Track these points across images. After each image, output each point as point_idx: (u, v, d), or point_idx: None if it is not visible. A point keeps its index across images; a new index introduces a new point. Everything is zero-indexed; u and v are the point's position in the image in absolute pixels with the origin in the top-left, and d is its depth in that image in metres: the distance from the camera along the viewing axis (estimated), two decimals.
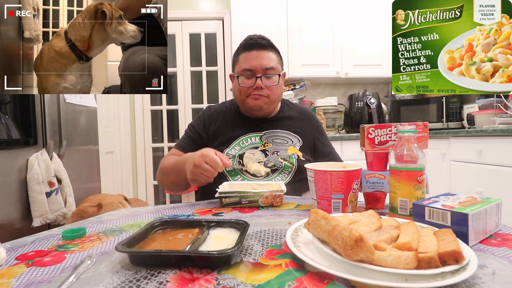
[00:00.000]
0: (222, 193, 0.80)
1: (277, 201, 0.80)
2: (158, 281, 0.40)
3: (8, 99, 1.49)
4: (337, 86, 3.22)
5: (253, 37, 1.10)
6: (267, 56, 1.07)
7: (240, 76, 1.09)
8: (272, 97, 1.10)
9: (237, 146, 1.10)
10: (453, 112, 2.60)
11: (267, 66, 1.06)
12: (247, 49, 1.08)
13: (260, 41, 1.08)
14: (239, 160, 1.07)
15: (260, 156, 1.09)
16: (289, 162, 1.08)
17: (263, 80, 1.07)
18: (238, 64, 1.11)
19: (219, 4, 3.12)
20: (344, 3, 2.83)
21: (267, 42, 1.09)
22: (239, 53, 1.11)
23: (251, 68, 1.06)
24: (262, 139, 1.12)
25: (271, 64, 1.07)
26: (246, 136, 1.12)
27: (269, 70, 1.07)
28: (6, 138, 1.43)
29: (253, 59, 1.07)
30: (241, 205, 0.80)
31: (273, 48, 1.11)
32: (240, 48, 1.11)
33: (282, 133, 1.14)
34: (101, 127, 2.24)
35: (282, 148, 1.10)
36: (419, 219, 0.55)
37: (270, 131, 1.13)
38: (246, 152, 1.08)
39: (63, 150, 1.67)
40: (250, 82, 1.07)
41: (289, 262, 0.44)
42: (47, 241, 0.58)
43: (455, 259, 0.38)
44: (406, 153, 0.62)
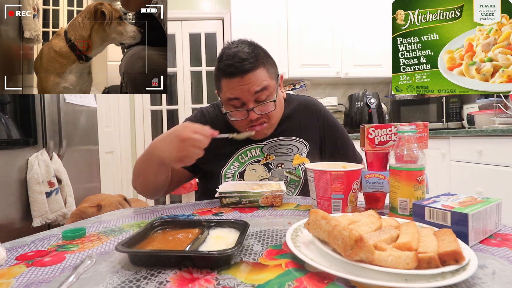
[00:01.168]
0: (222, 193, 0.80)
1: (277, 201, 0.80)
2: (158, 281, 0.40)
3: (8, 99, 1.49)
4: (337, 86, 3.22)
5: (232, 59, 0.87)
6: (255, 79, 0.88)
7: (227, 106, 0.93)
8: (273, 121, 0.96)
9: (236, 162, 0.98)
10: (453, 112, 2.60)
11: (256, 90, 0.88)
12: (228, 75, 0.88)
13: (242, 67, 0.86)
14: (240, 179, 0.97)
15: (263, 172, 0.98)
16: (295, 176, 0.98)
17: (256, 110, 0.90)
18: (221, 90, 0.93)
19: (219, 4, 3.13)
20: (344, 3, 2.83)
21: (250, 62, 0.87)
22: (219, 77, 0.91)
23: (238, 97, 0.89)
24: (263, 151, 0.99)
25: (261, 85, 0.89)
26: (245, 149, 0.98)
27: (260, 93, 0.89)
28: (6, 138, 1.43)
29: (237, 88, 0.88)
30: (241, 205, 0.80)
31: (258, 63, 0.89)
32: (220, 71, 0.90)
33: (285, 140, 1.00)
34: (101, 127, 2.24)
35: (286, 159, 0.99)
36: (419, 219, 0.55)
37: (272, 140, 1.00)
38: (246, 169, 0.98)
39: (63, 150, 1.67)
40: (242, 115, 0.91)
41: (289, 262, 0.44)
42: (47, 241, 0.58)
43: (455, 259, 0.38)
44: (406, 153, 0.62)
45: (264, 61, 0.92)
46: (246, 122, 0.93)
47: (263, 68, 0.90)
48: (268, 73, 0.92)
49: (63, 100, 1.70)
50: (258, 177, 0.97)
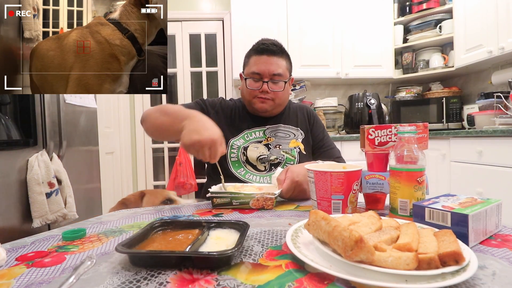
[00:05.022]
0: (214, 193, 0.81)
1: (268, 204, 0.79)
2: (158, 282, 0.40)
3: (8, 100, 1.49)
4: (337, 86, 3.22)
5: (266, 41, 1.12)
6: (276, 62, 1.11)
7: (248, 78, 1.13)
8: (277, 101, 1.14)
9: (241, 139, 1.15)
10: (453, 112, 2.60)
11: (274, 72, 1.10)
12: (258, 52, 1.11)
13: (271, 47, 1.10)
14: (244, 151, 1.12)
15: (264, 150, 1.13)
16: (291, 155, 1.14)
17: (269, 85, 1.11)
18: (248, 66, 1.15)
19: (219, 4, 3.13)
20: (344, 4, 2.83)
21: (278, 48, 1.12)
22: (250, 55, 1.15)
23: (259, 72, 1.10)
24: (265, 133, 1.17)
25: (279, 71, 1.10)
26: (251, 131, 1.17)
27: (276, 76, 1.10)
28: (6, 138, 1.43)
29: (262, 64, 1.10)
30: (232, 206, 0.80)
31: (283, 54, 1.14)
32: (252, 50, 1.15)
33: (285, 127, 1.19)
34: (101, 127, 2.24)
35: (284, 142, 1.16)
36: (419, 220, 0.55)
37: (273, 125, 1.18)
38: (250, 146, 1.13)
39: (63, 150, 1.67)
40: (257, 85, 1.12)
41: (289, 263, 0.44)
42: (47, 242, 0.58)
43: (455, 260, 0.38)
44: (406, 154, 0.62)
45: (287, 57, 1.16)
46: (257, 92, 1.12)
47: (285, 60, 1.14)
48: (287, 66, 1.15)
49: (63, 100, 1.70)
50: (259, 152, 1.13)
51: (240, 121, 1.18)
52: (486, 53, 2.23)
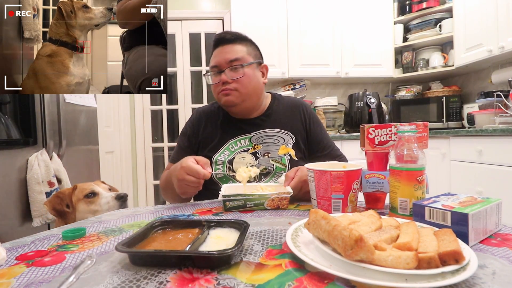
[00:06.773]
0: (226, 196, 0.76)
1: (283, 204, 0.77)
2: (158, 281, 0.40)
3: (8, 99, 1.49)
4: (337, 85, 3.22)
5: (220, 33, 1.08)
6: (231, 50, 1.03)
7: (210, 75, 1.07)
8: (242, 90, 1.03)
9: (226, 151, 1.07)
10: (453, 111, 2.60)
11: (231, 58, 1.02)
12: (214, 46, 1.06)
13: (225, 36, 1.05)
14: (229, 166, 1.04)
15: (251, 160, 1.05)
16: (281, 164, 1.04)
17: (227, 74, 1.02)
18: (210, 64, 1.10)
19: (219, 4, 3.12)
20: (344, 3, 2.83)
21: (232, 35, 1.05)
22: (211, 52, 1.09)
23: (216, 64, 1.04)
24: (252, 141, 1.07)
25: (236, 56, 1.02)
26: (235, 139, 1.08)
27: (234, 62, 1.02)
28: (6, 138, 1.43)
29: (218, 55, 1.04)
30: (246, 208, 0.76)
31: (242, 40, 1.07)
32: (212, 47, 1.09)
33: (272, 132, 1.09)
34: (101, 127, 2.24)
35: (273, 149, 1.06)
36: (419, 219, 0.55)
37: (260, 131, 1.09)
38: (236, 157, 1.05)
39: (63, 150, 1.67)
40: (218, 79, 1.04)
41: (289, 262, 0.44)
42: (47, 241, 0.58)
43: (455, 259, 0.38)
44: (406, 153, 0.62)
45: (246, 42, 1.08)
46: (219, 85, 1.04)
47: (242, 45, 1.06)
48: (247, 50, 1.06)
49: (63, 100, 1.70)
50: (246, 164, 1.04)
51: (222, 130, 1.10)
52: (486, 52, 2.23)
